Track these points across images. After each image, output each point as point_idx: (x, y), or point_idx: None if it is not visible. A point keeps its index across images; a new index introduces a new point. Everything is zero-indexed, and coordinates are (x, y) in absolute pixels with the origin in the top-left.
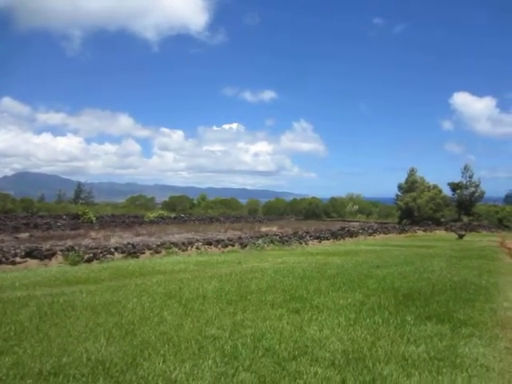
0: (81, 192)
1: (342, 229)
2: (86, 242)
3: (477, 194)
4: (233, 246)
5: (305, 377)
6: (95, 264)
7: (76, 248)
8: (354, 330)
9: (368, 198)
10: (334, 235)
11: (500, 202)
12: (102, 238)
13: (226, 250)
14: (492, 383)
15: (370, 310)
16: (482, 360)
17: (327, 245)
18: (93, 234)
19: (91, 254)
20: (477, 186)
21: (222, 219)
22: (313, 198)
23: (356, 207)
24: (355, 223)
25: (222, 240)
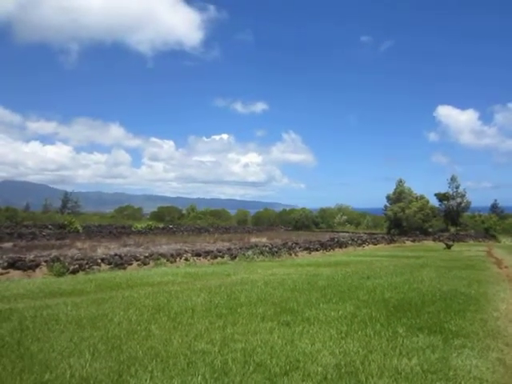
0: (67, 201)
1: (332, 239)
2: (72, 252)
3: (463, 205)
4: (222, 257)
5: None
6: (81, 275)
7: (61, 259)
8: (345, 342)
9: (357, 208)
10: (324, 246)
11: (486, 211)
12: (88, 249)
13: (215, 261)
14: None
15: (361, 322)
16: (475, 372)
17: (317, 256)
18: (79, 244)
19: (77, 265)
20: (463, 196)
21: (211, 230)
22: (303, 208)
23: (345, 218)
24: (344, 234)
25: (211, 251)
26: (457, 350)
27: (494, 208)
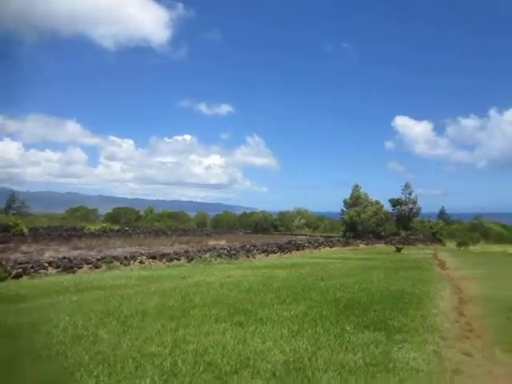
0: (13, 201)
1: (289, 242)
2: (16, 256)
3: (414, 210)
4: (179, 260)
5: None
6: (25, 280)
7: (2, 263)
8: (296, 340)
9: (316, 211)
10: (281, 248)
11: (434, 217)
12: (34, 252)
13: (171, 264)
14: None
15: (312, 321)
16: (413, 363)
17: (274, 258)
18: (24, 247)
19: (20, 270)
20: (414, 202)
21: (168, 232)
22: (262, 211)
23: (303, 221)
24: (302, 237)
25: (168, 254)
26: (398, 344)
27: (442, 214)
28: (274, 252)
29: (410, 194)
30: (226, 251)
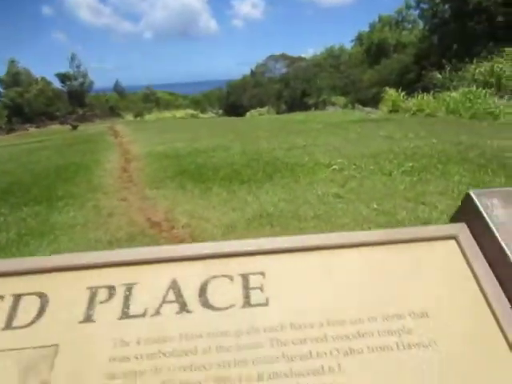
0: None
1: None
2: None
3: (86, 85)
4: None
5: None
6: None
7: None
8: None
9: None
10: None
11: (110, 91)
12: None
13: None
14: (75, 235)
15: None
16: (71, 221)
17: None
18: None
19: None
20: (85, 76)
21: None
22: None
23: None
24: None
25: None
26: (59, 210)
27: (117, 88)
28: None
29: (78, 67)
30: None
